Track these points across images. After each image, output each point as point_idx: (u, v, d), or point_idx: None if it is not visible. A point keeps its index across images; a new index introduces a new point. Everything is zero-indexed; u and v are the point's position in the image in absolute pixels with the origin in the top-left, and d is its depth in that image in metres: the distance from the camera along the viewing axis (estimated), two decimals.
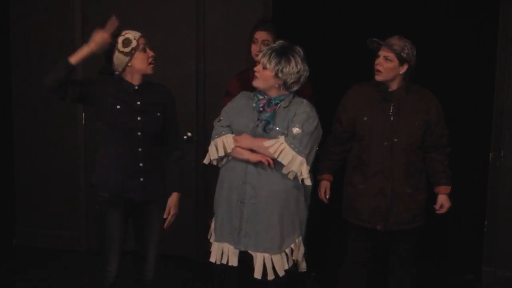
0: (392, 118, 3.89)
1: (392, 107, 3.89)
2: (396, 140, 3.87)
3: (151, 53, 3.65)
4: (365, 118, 3.92)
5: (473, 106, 4.99)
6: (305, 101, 3.64)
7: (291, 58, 3.53)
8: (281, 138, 3.52)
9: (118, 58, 3.60)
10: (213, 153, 3.67)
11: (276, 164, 3.56)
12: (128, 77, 3.65)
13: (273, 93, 3.61)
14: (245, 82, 4.03)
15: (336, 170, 4.14)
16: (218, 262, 3.70)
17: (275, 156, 3.50)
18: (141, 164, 3.66)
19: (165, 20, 5.19)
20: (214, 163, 3.73)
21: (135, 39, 3.59)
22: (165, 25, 5.19)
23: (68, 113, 5.42)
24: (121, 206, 3.68)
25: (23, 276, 5.04)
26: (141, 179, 3.67)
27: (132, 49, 3.58)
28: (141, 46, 3.61)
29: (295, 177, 3.57)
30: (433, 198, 4.04)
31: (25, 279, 4.99)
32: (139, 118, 3.63)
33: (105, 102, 3.60)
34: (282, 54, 3.53)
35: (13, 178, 5.65)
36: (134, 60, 3.60)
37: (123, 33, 3.61)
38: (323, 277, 4.99)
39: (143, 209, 3.76)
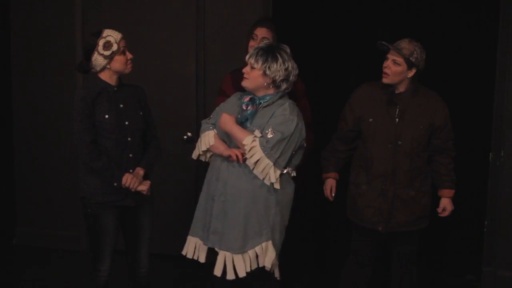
0: (397, 121, 3.86)
1: (397, 110, 3.87)
2: (400, 143, 3.85)
3: (130, 56, 3.62)
4: (370, 119, 3.89)
5: (473, 106, 4.98)
6: (287, 103, 3.56)
7: (278, 55, 3.50)
8: (257, 132, 3.47)
9: (97, 60, 3.55)
10: (197, 149, 3.70)
11: (245, 162, 3.51)
12: (105, 77, 3.62)
13: (261, 93, 3.58)
14: (239, 79, 4.04)
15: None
16: (189, 256, 3.69)
17: (246, 150, 3.46)
18: (131, 170, 3.66)
19: (165, 20, 5.19)
20: (203, 159, 3.74)
21: (116, 42, 3.54)
22: (165, 25, 5.19)
23: (68, 113, 5.39)
24: (113, 208, 3.67)
25: (23, 276, 5.04)
26: None
27: (113, 52, 3.54)
28: (121, 49, 3.57)
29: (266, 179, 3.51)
30: (436, 200, 4.02)
31: (25, 279, 4.98)
32: (126, 123, 3.61)
33: (97, 116, 3.58)
34: (269, 52, 3.51)
35: (13, 178, 5.65)
36: (113, 62, 3.57)
37: (104, 34, 3.55)
38: (323, 277, 4.99)
39: (134, 212, 3.76)
